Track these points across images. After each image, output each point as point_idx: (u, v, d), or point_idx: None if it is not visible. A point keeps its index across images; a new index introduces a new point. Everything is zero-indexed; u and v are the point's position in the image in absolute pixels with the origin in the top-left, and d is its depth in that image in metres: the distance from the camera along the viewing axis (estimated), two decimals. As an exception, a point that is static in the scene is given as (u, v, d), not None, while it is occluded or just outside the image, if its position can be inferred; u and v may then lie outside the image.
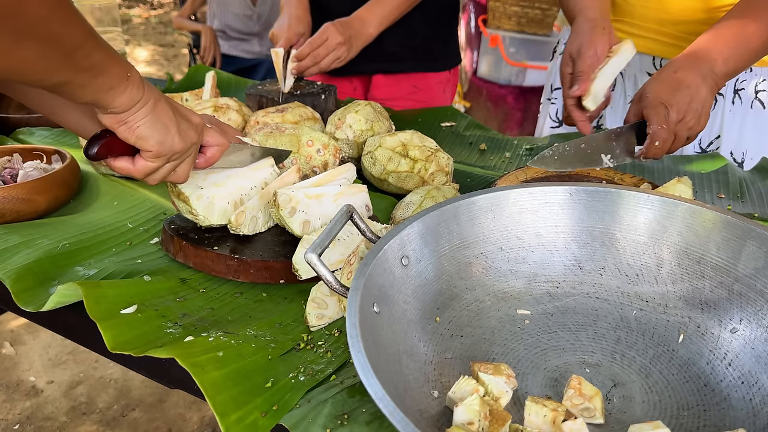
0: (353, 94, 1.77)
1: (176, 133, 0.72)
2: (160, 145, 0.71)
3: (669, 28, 1.22)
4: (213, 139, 0.81)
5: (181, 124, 0.73)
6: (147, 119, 0.69)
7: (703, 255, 0.72)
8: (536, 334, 0.71)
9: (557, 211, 0.78)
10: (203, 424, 1.98)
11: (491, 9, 3.60)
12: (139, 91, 0.67)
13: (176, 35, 6.32)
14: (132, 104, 0.67)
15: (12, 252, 0.87)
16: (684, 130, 0.97)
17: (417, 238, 0.71)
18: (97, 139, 0.70)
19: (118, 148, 0.72)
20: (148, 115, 0.69)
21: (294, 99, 1.33)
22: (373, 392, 0.50)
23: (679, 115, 0.95)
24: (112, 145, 0.71)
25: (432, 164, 1.07)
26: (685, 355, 0.68)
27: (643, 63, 1.30)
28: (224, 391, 0.63)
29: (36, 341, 2.34)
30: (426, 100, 1.72)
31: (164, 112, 0.71)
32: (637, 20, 1.26)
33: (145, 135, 0.70)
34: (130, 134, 0.69)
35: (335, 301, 0.76)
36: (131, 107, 0.67)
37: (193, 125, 0.76)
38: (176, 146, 0.73)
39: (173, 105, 0.74)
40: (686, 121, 0.96)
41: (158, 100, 0.70)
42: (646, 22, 1.25)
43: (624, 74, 1.34)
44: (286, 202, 0.84)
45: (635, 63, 1.31)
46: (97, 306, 0.74)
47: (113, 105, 0.66)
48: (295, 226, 0.85)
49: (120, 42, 1.58)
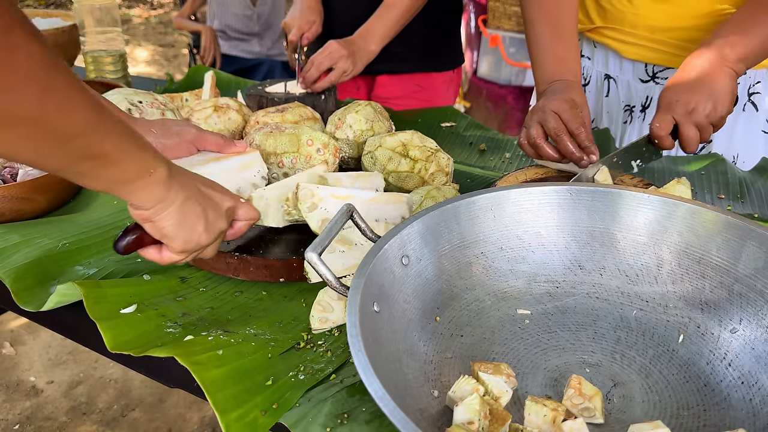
0: (357, 93, 1.78)
1: (203, 231, 0.70)
2: (186, 243, 0.69)
3: (660, 35, 1.22)
4: (243, 214, 0.78)
5: (210, 216, 0.70)
6: (173, 221, 0.66)
7: (704, 255, 0.72)
8: (536, 333, 0.71)
9: (557, 211, 0.78)
10: (203, 424, 1.98)
11: (491, 9, 3.60)
12: (163, 189, 0.64)
13: (176, 35, 6.32)
14: (155, 202, 0.64)
15: (12, 251, 0.87)
16: (702, 118, 0.97)
17: (417, 237, 0.71)
18: (128, 233, 0.69)
19: (148, 241, 0.70)
20: (174, 216, 0.66)
21: (294, 98, 1.33)
22: (373, 391, 0.50)
23: (687, 107, 0.96)
24: (143, 239, 0.70)
25: (432, 164, 1.08)
26: (685, 355, 0.68)
27: (636, 70, 1.29)
28: (224, 390, 0.63)
29: (36, 341, 2.34)
30: (430, 98, 1.73)
31: (192, 211, 0.68)
32: (627, 27, 1.25)
33: (170, 235, 0.67)
34: (156, 233, 0.67)
35: (342, 305, 0.76)
36: (154, 206, 0.64)
37: (223, 213, 0.73)
38: (203, 242, 0.70)
39: (205, 195, 0.70)
40: (699, 110, 0.97)
41: (188, 198, 0.67)
42: (636, 30, 1.24)
43: (617, 80, 1.33)
44: (307, 197, 0.83)
45: (627, 70, 1.30)
46: (97, 306, 0.74)
47: (131, 200, 0.64)
48: (313, 222, 0.83)
49: (120, 42, 1.58)
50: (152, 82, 1.82)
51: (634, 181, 1.07)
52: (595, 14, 1.30)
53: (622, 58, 1.30)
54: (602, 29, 1.30)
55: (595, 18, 1.30)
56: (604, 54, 1.33)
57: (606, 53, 1.33)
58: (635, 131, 1.34)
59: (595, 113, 1.41)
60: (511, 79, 3.64)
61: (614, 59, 1.32)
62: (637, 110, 1.33)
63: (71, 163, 0.56)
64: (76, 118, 0.53)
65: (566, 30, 1.12)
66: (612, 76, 1.34)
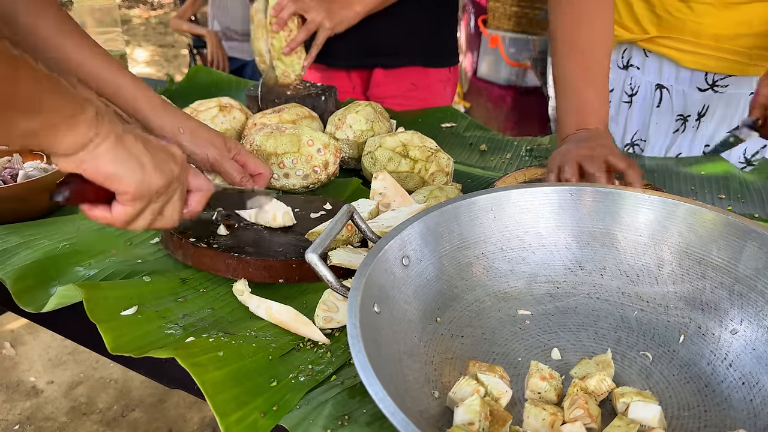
0: (353, 93, 1.77)
1: (153, 168, 0.63)
2: (138, 184, 0.62)
3: (725, 43, 1.18)
4: (196, 182, 0.72)
5: (158, 156, 0.65)
6: (111, 156, 0.60)
7: (704, 255, 0.72)
8: (537, 334, 0.71)
9: (558, 211, 0.78)
10: (203, 425, 1.97)
11: (491, 9, 3.60)
12: (93, 128, 0.59)
13: (176, 36, 6.32)
14: (84, 143, 0.59)
15: (12, 252, 0.87)
16: None
17: (418, 238, 0.71)
18: (65, 184, 0.61)
19: (91, 195, 0.63)
20: (111, 151, 0.60)
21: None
22: (373, 393, 0.50)
23: None
24: (85, 192, 0.62)
25: (432, 164, 1.07)
26: (685, 356, 0.68)
27: (694, 79, 1.26)
28: (224, 391, 0.63)
29: (36, 341, 2.34)
30: (426, 98, 1.72)
31: (133, 146, 0.62)
32: (688, 36, 1.21)
33: (114, 173, 0.61)
34: (96, 174, 0.60)
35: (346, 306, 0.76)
36: (84, 147, 0.59)
37: (173, 157, 0.67)
38: (155, 182, 0.64)
39: (145, 137, 0.65)
40: None
41: (123, 135, 0.62)
42: (699, 38, 1.20)
43: (671, 90, 1.30)
44: None
45: (684, 79, 1.27)
46: (97, 308, 0.74)
47: (58, 147, 0.58)
48: None
49: (120, 42, 1.58)
50: (152, 82, 1.82)
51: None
52: (650, 23, 1.26)
53: (679, 67, 1.27)
54: (657, 38, 1.26)
55: (649, 27, 1.26)
56: (658, 63, 1.30)
57: (660, 63, 1.30)
58: (687, 141, 1.31)
59: (642, 124, 1.38)
60: (511, 80, 3.63)
61: (669, 68, 1.29)
62: (692, 119, 1.30)
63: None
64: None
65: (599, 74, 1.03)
66: (665, 85, 1.30)
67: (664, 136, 1.35)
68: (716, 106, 1.27)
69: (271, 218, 0.91)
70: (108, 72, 0.89)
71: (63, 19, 0.88)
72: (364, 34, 1.54)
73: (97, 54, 0.89)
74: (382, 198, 0.95)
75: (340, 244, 0.86)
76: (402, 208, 0.88)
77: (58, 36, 0.86)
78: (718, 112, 1.27)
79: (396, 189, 0.95)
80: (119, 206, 0.64)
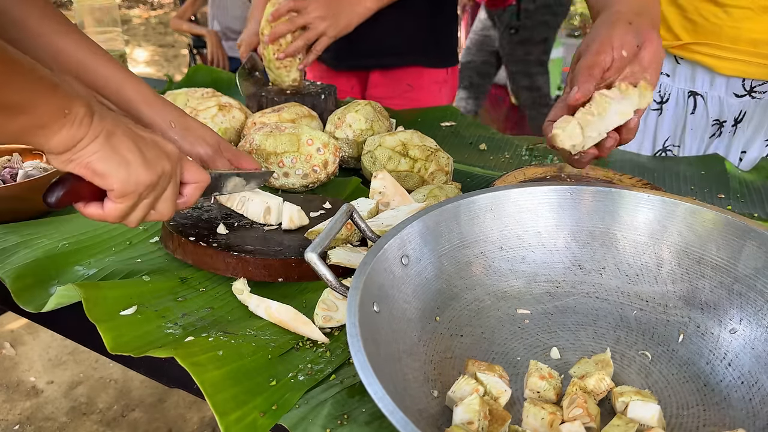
0: (351, 93, 1.78)
1: (141, 165, 0.64)
2: (124, 182, 0.63)
3: (763, 48, 1.15)
4: (191, 175, 0.73)
5: (148, 153, 0.65)
6: (99, 154, 0.61)
7: (703, 255, 0.72)
8: (536, 333, 0.71)
9: (557, 210, 0.78)
10: (203, 424, 1.98)
11: (491, 9, 3.60)
12: (82, 127, 0.60)
13: (176, 36, 6.32)
14: (73, 142, 0.60)
15: (11, 252, 0.87)
16: None
17: (417, 237, 0.71)
18: (59, 184, 0.62)
19: (85, 193, 0.64)
20: (99, 149, 0.61)
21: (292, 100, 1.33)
22: (372, 392, 0.50)
23: None
24: (79, 190, 0.63)
25: (432, 164, 1.08)
26: (684, 355, 0.68)
27: (731, 85, 1.23)
28: (224, 391, 0.63)
29: (36, 341, 2.34)
30: (421, 98, 1.72)
31: (122, 143, 0.63)
32: (725, 42, 1.18)
33: (101, 171, 0.62)
34: (85, 171, 0.62)
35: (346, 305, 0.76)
36: (73, 146, 0.60)
37: (165, 153, 0.68)
38: (143, 179, 0.64)
39: (136, 134, 0.66)
40: None
41: (112, 132, 0.62)
42: (737, 44, 1.17)
43: (706, 97, 1.26)
44: None
45: (720, 86, 1.24)
46: (96, 308, 0.74)
47: (48, 146, 0.59)
48: None
49: (120, 42, 1.58)
50: (152, 82, 1.82)
51: (633, 181, 1.07)
52: (682, 30, 1.23)
53: (714, 74, 1.23)
54: (691, 45, 1.23)
55: (682, 34, 1.23)
56: (690, 70, 1.27)
57: (693, 70, 1.26)
58: (723, 145, 1.29)
59: (674, 131, 1.34)
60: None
61: (704, 75, 1.25)
62: (728, 125, 1.27)
63: None
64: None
65: None
66: (699, 92, 1.27)
67: (700, 140, 1.32)
68: (753, 112, 1.24)
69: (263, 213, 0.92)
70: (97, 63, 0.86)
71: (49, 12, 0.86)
72: (363, 35, 1.54)
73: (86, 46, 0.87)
74: (381, 197, 0.95)
75: (339, 243, 0.86)
76: (401, 207, 0.88)
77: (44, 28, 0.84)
78: (756, 118, 1.24)
79: (395, 188, 0.95)
80: (110, 203, 0.65)
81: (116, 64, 0.89)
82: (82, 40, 0.87)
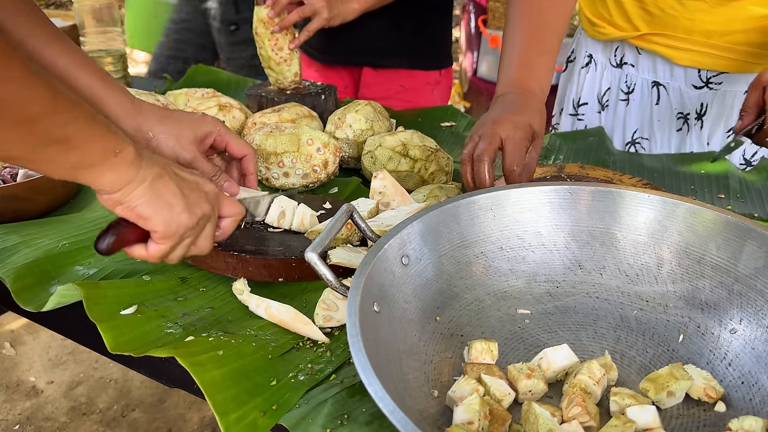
0: (345, 92, 1.78)
1: (183, 210, 0.66)
2: (166, 225, 0.65)
3: (716, 39, 1.17)
4: (227, 210, 0.75)
5: (190, 197, 0.68)
6: (145, 198, 0.64)
7: (704, 255, 0.72)
8: (536, 333, 0.71)
9: (557, 210, 0.78)
10: (203, 424, 1.98)
11: (491, 9, 3.60)
12: (132, 169, 0.62)
13: (176, 35, 6.30)
14: (123, 184, 0.62)
15: (12, 251, 0.87)
16: None
17: (417, 237, 0.71)
18: (108, 231, 0.65)
19: (131, 237, 0.66)
20: (146, 194, 0.64)
21: (291, 98, 1.33)
22: (373, 392, 0.50)
23: None
24: (126, 236, 0.66)
25: (432, 164, 1.08)
26: (685, 355, 0.68)
27: (688, 76, 1.26)
28: (224, 391, 0.63)
29: (36, 341, 2.34)
30: (413, 99, 1.72)
31: (167, 188, 0.65)
32: (681, 33, 1.20)
33: (147, 215, 0.64)
34: (131, 215, 0.64)
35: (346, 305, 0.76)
36: (122, 187, 0.62)
37: (205, 194, 0.70)
38: (184, 221, 0.67)
39: (180, 177, 0.68)
40: None
41: (159, 175, 0.65)
42: (691, 35, 1.19)
43: (668, 87, 1.29)
44: None
45: (679, 76, 1.26)
46: (97, 307, 0.74)
47: (97, 184, 0.61)
48: None
49: (120, 42, 1.58)
50: (152, 82, 1.82)
51: (633, 181, 1.07)
52: (641, 21, 1.25)
53: (672, 65, 1.26)
54: (649, 36, 1.25)
55: (641, 25, 1.25)
56: (651, 61, 1.29)
57: (653, 60, 1.29)
58: (694, 140, 1.30)
59: (642, 122, 1.37)
60: (511, 79, 3.63)
61: (663, 66, 1.28)
62: (692, 118, 1.29)
63: (34, 150, 0.55)
64: (34, 103, 0.53)
65: (548, 41, 0.99)
66: (662, 83, 1.30)
67: (668, 134, 1.34)
68: (712, 104, 1.26)
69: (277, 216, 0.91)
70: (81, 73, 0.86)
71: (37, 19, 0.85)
72: (355, 31, 1.54)
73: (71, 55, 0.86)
74: (381, 197, 0.95)
75: (339, 242, 0.86)
76: (401, 207, 0.88)
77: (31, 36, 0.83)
78: (714, 110, 1.26)
79: (396, 188, 0.95)
80: (153, 244, 0.68)
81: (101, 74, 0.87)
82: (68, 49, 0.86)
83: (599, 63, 1.38)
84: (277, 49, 1.31)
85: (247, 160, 0.95)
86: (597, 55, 1.39)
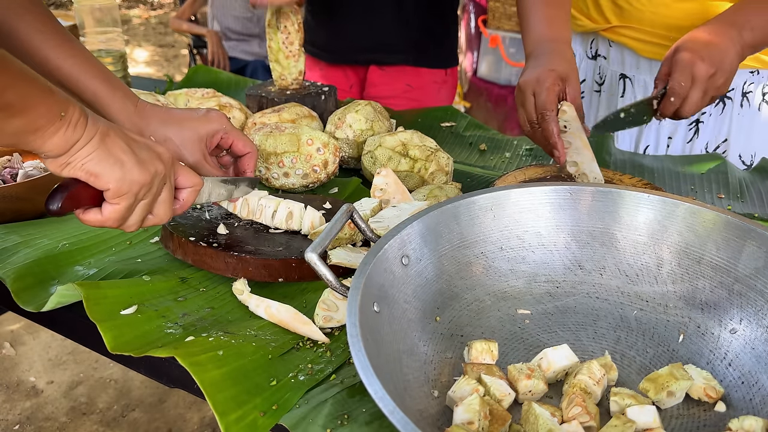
0: (350, 92, 1.78)
1: (135, 165, 0.66)
2: (118, 181, 0.65)
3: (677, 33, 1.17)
4: (185, 179, 0.74)
5: (141, 154, 0.67)
6: (93, 155, 0.63)
7: (703, 255, 0.72)
8: (536, 333, 0.71)
9: (557, 210, 0.78)
10: (203, 425, 1.98)
11: (491, 9, 3.60)
12: (77, 130, 0.61)
13: (176, 36, 6.32)
14: (69, 146, 0.61)
15: (12, 251, 0.87)
16: (712, 89, 0.96)
17: (417, 237, 0.71)
18: (59, 191, 0.63)
19: (85, 198, 0.65)
20: (93, 151, 0.63)
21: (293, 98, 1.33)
22: (373, 392, 0.50)
23: (710, 69, 0.94)
24: (78, 196, 0.64)
25: (432, 164, 1.08)
26: (685, 355, 0.68)
27: (653, 69, 1.28)
28: (224, 391, 0.63)
29: (36, 341, 2.34)
30: (420, 98, 1.72)
31: (115, 145, 0.65)
32: (646, 26, 1.24)
33: (97, 171, 0.64)
34: (81, 173, 0.63)
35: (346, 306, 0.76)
36: (68, 149, 0.61)
37: (157, 155, 0.69)
38: (137, 178, 0.66)
39: (129, 136, 0.68)
40: (716, 78, 0.95)
41: (106, 134, 0.64)
42: (654, 28, 1.23)
43: (633, 80, 1.32)
44: None
45: (645, 69, 1.29)
46: (97, 307, 0.74)
47: (44, 148, 0.60)
48: None
49: (120, 42, 1.58)
50: (152, 82, 1.82)
51: (633, 181, 1.07)
52: (612, 13, 1.29)
53: (639, 57, 1.29)
54: (619, 28, 1.29)
55: (611, 17, 1.29)
56: (620, 53, 1.32)
57: (622, 52, 1.32)
58: (652, 133, 1.33)
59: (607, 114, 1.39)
60: (511, 80, 3.63)
61: (631, 58, 1.31)
62: None
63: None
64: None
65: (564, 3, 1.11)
66: (628, 75, 1.33)
67: None
68: None
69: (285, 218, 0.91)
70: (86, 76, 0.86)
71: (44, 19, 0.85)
72: (361, 29, 1.54)
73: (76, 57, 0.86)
74: (382, 194, 0.95)
75: (343, 243, 0.86)
76: (402, 204, 0.88)
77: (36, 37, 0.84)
78: None
79: (397, 186, 0.95)
80: (108, 205, 0.67)
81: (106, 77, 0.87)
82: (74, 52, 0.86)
83: (577, 54, 1.41)
84: (288, 43, 1.32)
85: (248, 158, 0.94)
86: (576, 47, 1.42)
